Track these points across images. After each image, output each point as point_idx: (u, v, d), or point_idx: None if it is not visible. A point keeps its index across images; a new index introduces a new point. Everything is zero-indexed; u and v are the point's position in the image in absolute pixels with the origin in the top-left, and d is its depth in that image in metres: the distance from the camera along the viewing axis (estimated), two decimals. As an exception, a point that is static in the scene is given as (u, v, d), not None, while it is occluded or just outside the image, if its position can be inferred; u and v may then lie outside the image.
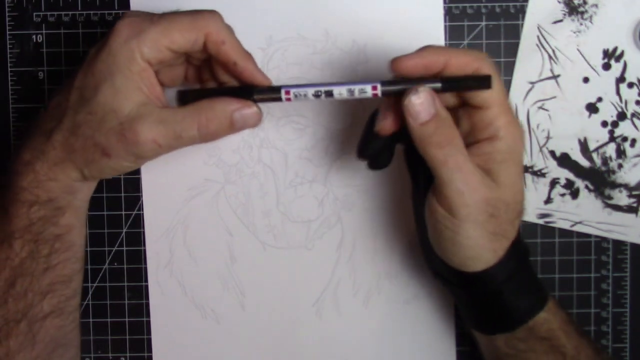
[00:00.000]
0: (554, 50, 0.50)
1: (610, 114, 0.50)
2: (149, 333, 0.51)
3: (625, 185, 0.50)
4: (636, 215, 0.50)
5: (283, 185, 0.50)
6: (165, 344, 0.51)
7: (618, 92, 0.50)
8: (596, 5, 0.49)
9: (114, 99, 0.39)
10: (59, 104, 0.41)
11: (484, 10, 0.50)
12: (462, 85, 0.38)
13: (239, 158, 0.50)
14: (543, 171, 0.50)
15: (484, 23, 0.50)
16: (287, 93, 0.39)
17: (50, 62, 0.50)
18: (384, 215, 0.50)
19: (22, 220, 0.40)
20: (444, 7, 0.49)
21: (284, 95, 0.40)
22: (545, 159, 0.50)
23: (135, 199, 0.50)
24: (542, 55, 0.50)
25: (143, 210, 0.50)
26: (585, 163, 0.50)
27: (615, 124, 0.50)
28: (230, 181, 0.50)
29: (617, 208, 0.50)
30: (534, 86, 0.50)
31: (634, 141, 0.50)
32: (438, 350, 0.51)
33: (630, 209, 0.50)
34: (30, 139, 0.41)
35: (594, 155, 0.50)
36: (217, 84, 0.44)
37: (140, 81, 0.39)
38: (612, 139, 0.50)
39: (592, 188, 0.50)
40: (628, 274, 0.51)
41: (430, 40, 0.49)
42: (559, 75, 0.50)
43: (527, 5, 0.49)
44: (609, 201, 0.50)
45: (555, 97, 0.50)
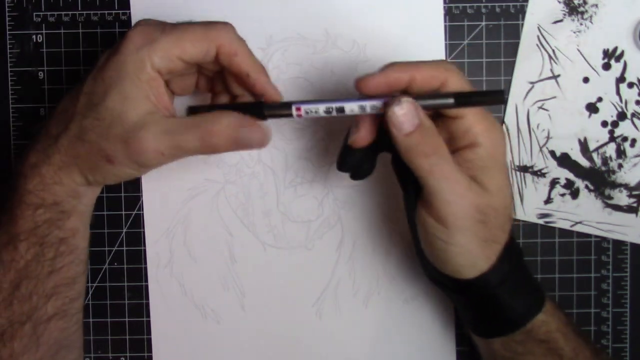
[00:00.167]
0: (554, 50, 0.50)
1: (610, 114, 0.50)
2: (149, 333, 0.51)
3: (625, 185, 0.50)
4: (636, 215, 0.50)
5: (283, 185, 0.50)
6: (165, 344, 0.51)
7: (618, 92, 0.50)
8: (596, 5, 0.49)
9: (122, 105, 0.39)
10: (67, 109, 0.41)
11: (484, 10, 0.50)
12: (475, 101, 0.38)
13: (239, 158, 0.50)
14: (543, 171, 0.50)
15: (484, 23, 0.50)
16: (298, 110, 0.39)
17: (50, 62, 0.50)
18: (384, 215, 0.50)
19: (28, 223, 0.40)
20: (444, 7, 0.49)
21: (294, 111, 0.39)
22: (545, 159, 0.50)
23: (135, 199, 0.50)
24: (542, 55, 0.50)
25: (143, 210, 0.50)
26: (585, 163, 0.50)
27: (615, 124, 0.50)
28: (230, 181, 0.50)
29: (617, 208, 0.50)
30: (534, 86, 0.50)
31: (634, 141, 0.50)
32: (438, 350, 0.51)
33: (630, 209, 0.50)
34: (37, 142, 0.41)
35: (594, 155, 0.50)
36: (229, 95, 0.44)
37: (149, 90, 0.39)
38: (612, 139, 0.50)
39: (592, 188, 0.50)
40: (628, 274, 0.51)
41: (430, 40, 0.49)
42: (559, 75, 0.50)
43: (527, 5, 0.49)
44: (609, 201, 0.50)
45: (555, 97, 0.50)
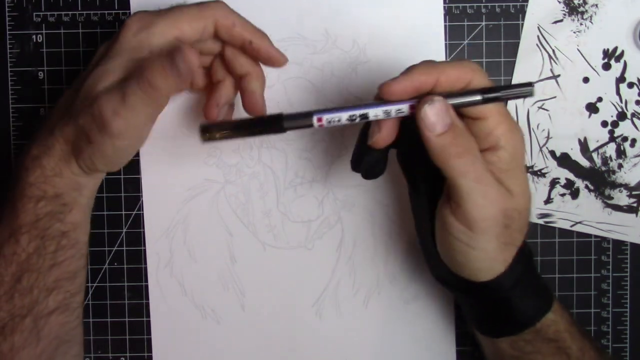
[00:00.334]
0: (554, 50, 0.50)
1: (610, 114, 0.50)
2: (149, 333, 0.51)
3: (625, 185, 0.50)
4: (636, 215, 0.50)
5: (283, 185, 0.50)
6: (165, 344, 0.51)
7: (618, 92, 0.50)
8: (596, 5, 0.49)
9: (98, 80, 0.39)
10: (66, 100, 0.41)
11: (484, 10, 0.50)
12: (503, 96, 0.36)
13: (239, 158, 0.50)
14: (543, 171, 0.50)
15: (484, 23, 0.50)
16: (320, 120, 0.36)
17: (50, 62, 0.50)
18: (384, 215, 0.50)
19: (29, 216, 0.40)
20: (444, 7, 0.49)
21: (316, 122, 0.36)
22: (545, 159, 0.50)
23: (135, 199, 0.50)
24: (542, 55, 0.50)
25: (143, 210, 0.50)
26: (585, 163, 0.50)
27: (615, 124, 0.50)
28: (230, 181, 0.50)
29: (617, 208, 0.50)
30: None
31: (634, 141, 0.50)
32: (438, 350, 0.51)
33: (630, 209, 0.50)
34: (38, 135, 0.41)
35: (594, 155, 0.50)
36: (232, 79, 0.44)
37: (131, 62, 0.39)
38: (612, 139, 0.50)
39: (592, 188, 0.50)
40: (628, 274, 0.51)
41: (430, 40, 0.49)
42: (559, 75, 0.50)
43: (527, 5, 0.49)
44: (609, 201, 0.50)
45: (555, 97, 0.50)
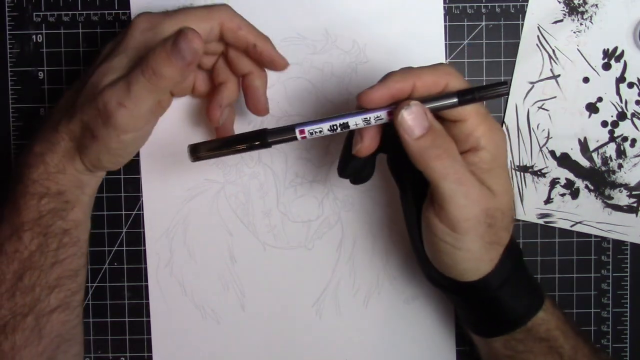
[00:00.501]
0: (554, 50, 0.50)
1: (610, 114, 0.50)
2: (149, 333, 0.51)
3: (626, 185, 0.50)
4: (636, 215, 0.50)
5: (283, 185, 0.50)
6: (165, 344, 0.51)
7: (618, 92, 0.50)
8: (596, 5, 0.49)
9: (104, 76, 0.39)
10: (70, 97, 0.41)
11: (484, 10, 0.50)
12: (478, 96, 0.37)
13: (239, 158, 0.50)
14: (543, 171, 0.50)
15: (484, 23, 0.50)
16: (302, 132, 0.38)
17: (50, 62, 0.50)
18: (384, 215, 0.50)
19: (32, 213, 0.40)
20: (444, 7, 0.49)
21: (298, 135, 0.38)
22: (545, 159, 0.50)
23: (135, 199, 0.50)
24: (542, 55, 0.50)
25: (143, 210, 0.50)
26: (585, 163, 0.50)
27: (615, 124, 0.50)
28: (230, 181, 0.50)
29: (617, 208, 0.50)
30: (534, 86, 0.50)
31: (634, 141, 0.50)
32: (438, 350, 0.51)
33: (630, 209, 0.50)
34: (41, 132, 0.41)
35: (594, 155, 0.50)
36: (235, 78, 0.44)
37: (136, 60, 0.39)
38: (612, 139, 0.50)
39: (592, 188, 0.50)
40: (628, 274, 0.51)
41: (430, 40, 0.49)
42: (559, 75, 0.50)
43: (527, 5, 0.49)
44: (609, 201, 0.50)
45: (555, 97, 0.50)
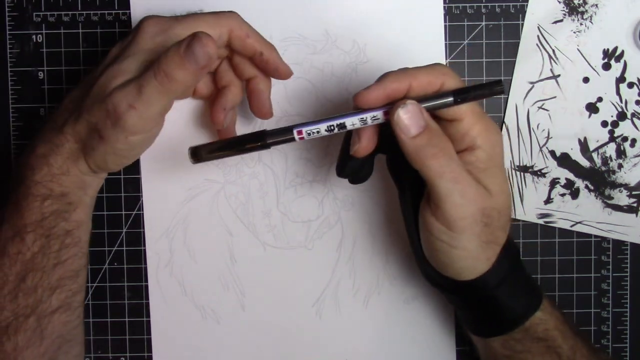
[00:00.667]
0: (554, 50, 0.50)
1: (610, 114, 0.50)
2: (149, 333, 0.51)
3: (625, 185, 0.50)
4: (636, 215, 0.50)
5: (283, 185, 0.50)
6: (165, 344, 0.51)
7: (618, 92, 0.50)
8: (596, 5, 0.49)
9: (111, 79, 0.39)
10: (75, 99, 0.41)
11: (484, 10, 0.50)
12: (474, 95, 0.37)
13: (239, 158, 0.50)
14: (543, 171, 0.50)
15: (484, 23, 0.50)
16: (300, 133, 0.38)
17: (50, 62, 0.50)
18: (384, 215, 0.50)
19: (35, 214, 0.40)
20: (444, 7, 0.49)
21: (296, 135, 0.38)
22: (545, 159, 0.50)
23: (135, 199, 0.50)
24: (542, 55, 0.50)
25: (143, 210, 0.50)
26: (585, 163, 0.50)
27: (615, 124, 0.50)
28: (230, 181, 0.50)
29: (617, 208, 0.50)
30: (534, 86, 0.50)
31: (634, 141, 0.50)
32: (438, 350, 0.51)
33: (630, 209, 0.50)
34: (44, 133, 0.41)
35: (594, 155, 0.50)
36: (239, 80, 0.45)
37: (146, 64, 0.39)
38: (612, 139, 0.50)
39: (592, 188, 0.50)
40: (628, 274, 0.51)
41: (430, 40, 0.49)
42: (559, 75, 0.50)
43: (527, 5, 0.49)
44: (609, 201, 0.50)
45: (555, 97, 0.50)
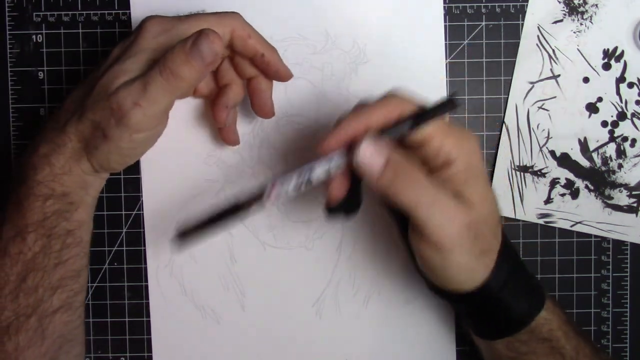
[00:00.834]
0: (554, 50, 0.50)
1: (610, 114, 0.50)
2: (149, 333, 0.51)
3: (626, 185, 0.50)
4: (636, 215, 0.50)
5: (283, 185, 0.50)
6: (165, 344, 0.51)
7: (618, 92, 0.50)
8: (596, 5, 0.49)
9: (116, 77, 0.39)
10: (77, 98, 0.41)
11: (484, 10, 0.50)
12: (431, 116, 0.36)
13: (239, 158, 0.50)
14: (543, 171, 0.50)
15: (484, 23, 0.50)
16: (269, 196, 0.38)
17: (50, 62, 0.50)
18: (384, 215, 0.50)
19: (36, 214, 0.40)
20: (444, 7, 0.49)
21: (267, 199, 0.38)
22: (545, 159, 0.50)
23: (135, 199, 0.50)
24: (542, 55, 0.50)
25: (143, 210, 0.50)
26: (585, 163, 0.50)
27: (615, 124, 0.50)
28: (230, 181, 0.50)
29: (617, 208, 0.50)
30: (534, 86, 0.50)
31: (634, 141, 0.50)
32: (438, 350, 0.51)
33: (630, 209, 0.50)
34: (46, 133, 0.41)
35: (594, 155, 0.50)
36: (240, 80, 0.45)
37: (149, 63, 0.39)
38: (612, 139, 0.50)
39: (592, 188, 0.50)
40: (628, 274, 0.51)
41: (430, 40, 0.49)
42: (559, 75, 0.50)
43: (527, 5, 0.49)
44: (609, 201, 0.50)
45: (555, 97, 0.50)
